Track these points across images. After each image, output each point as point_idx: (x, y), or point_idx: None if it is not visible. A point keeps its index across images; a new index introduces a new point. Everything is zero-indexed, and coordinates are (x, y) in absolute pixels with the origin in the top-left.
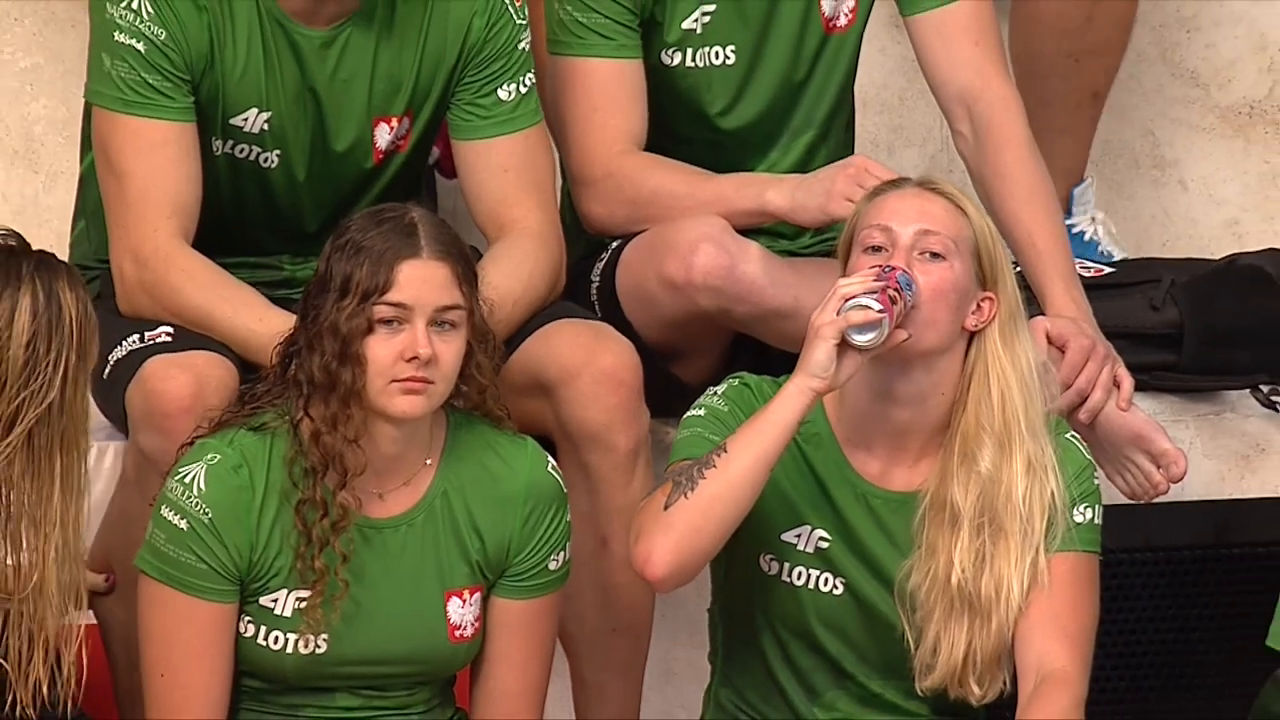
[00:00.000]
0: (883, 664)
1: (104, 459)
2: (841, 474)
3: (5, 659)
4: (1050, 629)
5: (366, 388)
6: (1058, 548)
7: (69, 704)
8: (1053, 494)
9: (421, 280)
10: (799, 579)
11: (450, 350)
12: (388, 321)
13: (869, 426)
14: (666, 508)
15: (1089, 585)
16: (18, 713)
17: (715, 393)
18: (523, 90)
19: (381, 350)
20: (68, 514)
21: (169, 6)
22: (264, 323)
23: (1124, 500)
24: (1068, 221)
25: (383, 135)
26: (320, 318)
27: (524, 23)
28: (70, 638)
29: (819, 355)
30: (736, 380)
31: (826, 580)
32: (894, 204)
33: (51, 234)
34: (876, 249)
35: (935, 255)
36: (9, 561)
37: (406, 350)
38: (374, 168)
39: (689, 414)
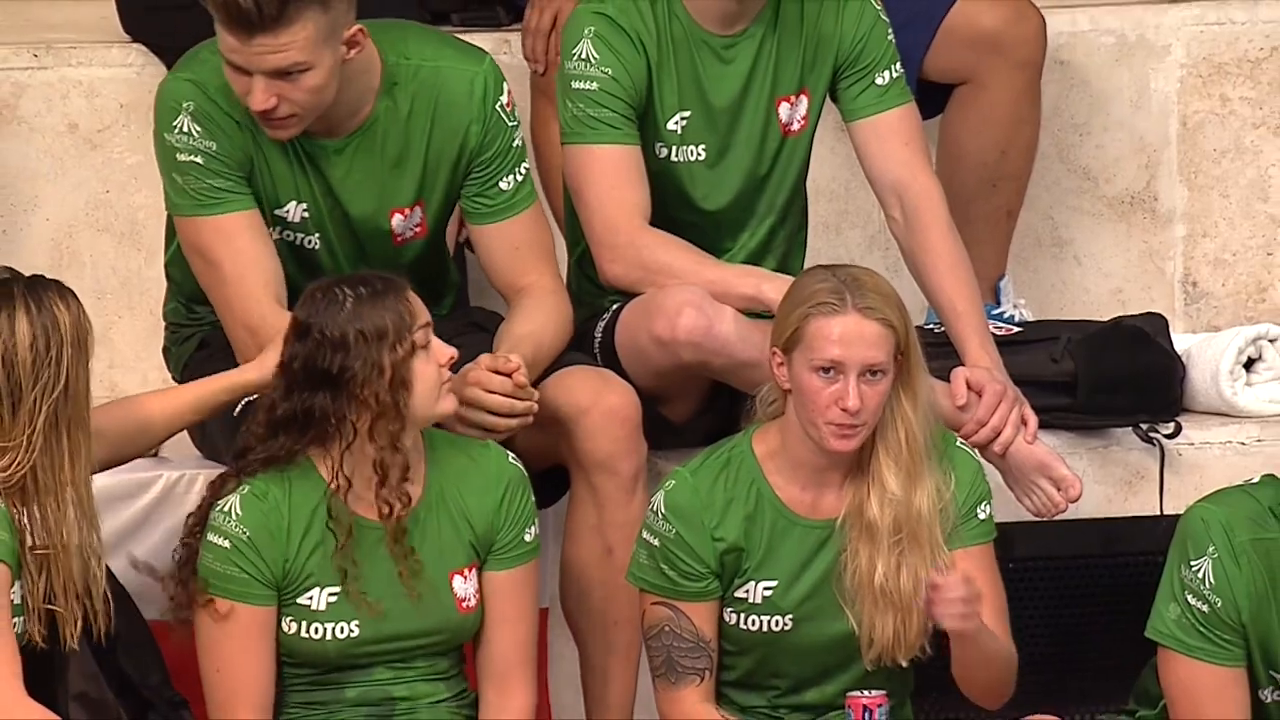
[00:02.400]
0: (825, 668)
1: (194, 484)
2: (787, 523)
3: (55, 605)
4: (986, 610)
5: (415, 405)
6: (971, 542)
7: (104, 636)
8: (947, 501)
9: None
10: (753, 626)
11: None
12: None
13: (802, 471)
14: None
15: (996, 566)
16: (67, 649)
17: (661, 512)
18: (519, 178)
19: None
20: (79, 481)
21: (213, 123)
22: None
23: (1030, 517)
24: (999, 308)
25: (398, 222)
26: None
27: (515, 124)
28: (96, 583)
29: None
30: (676, 484)
31: (776, 622)
32: (840, 335)
33: (151, 300)
34: (827, 371)
35: (875, 372)
36: (38, 526)
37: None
38: (397, 249)
39: (645, 534)
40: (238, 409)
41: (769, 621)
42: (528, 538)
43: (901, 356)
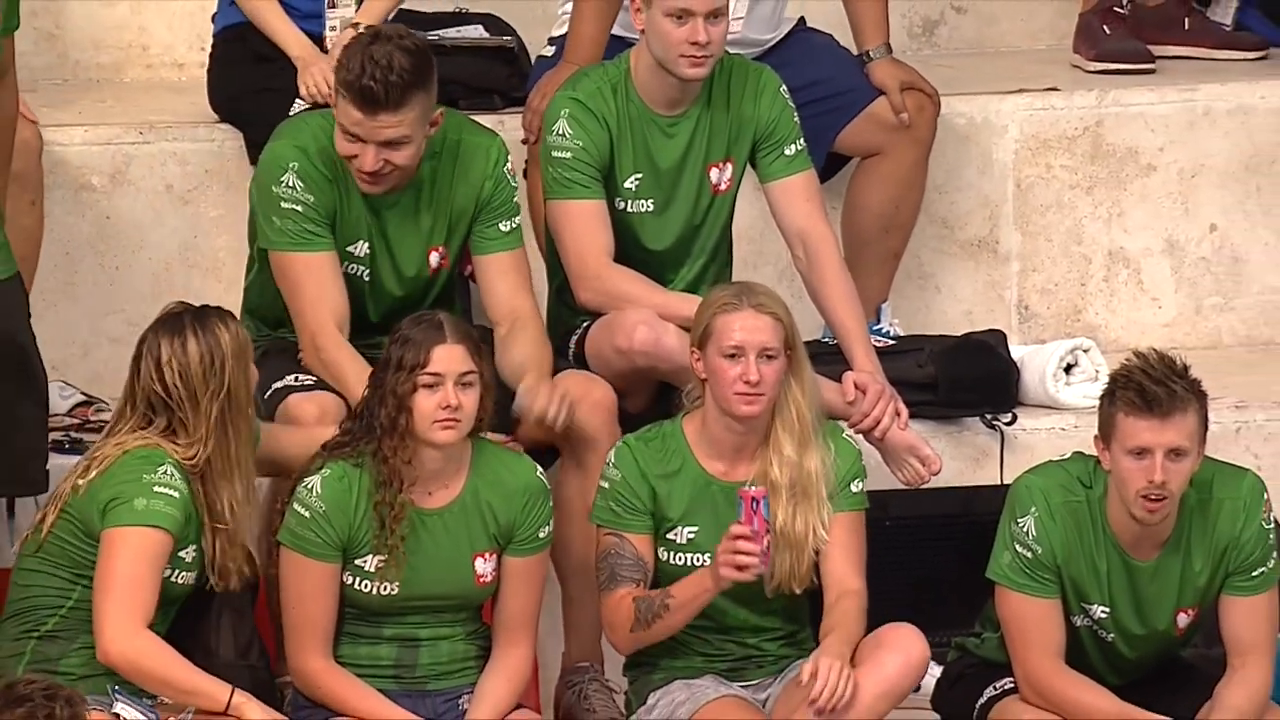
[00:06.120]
0: (739, 597)
1: None
2: (705, 484)
3: (219, 557)
4: (843, 562)
5: (415, 427)
6: (844, 509)
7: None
8: (829, 467)
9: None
10: (681, 561)
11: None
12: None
13: (723, 446)
14: (632, 630)
15: (863, 530)
16: (218, 587)
17: (611, 463)
18: (513, 224)
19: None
20: (245, 463)
21: (311, 179)
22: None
23: (902, 486)
24: (879, 325)
25: (434, 258)
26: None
27: (516, 185)
28: (252, 541)
29: (722, 584)
30: (622, 447)
31: (698, 559)
32: (742, 327)
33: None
34: (733, 356)
35: (770, 357)
36: (216, 500)
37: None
38: (430, 279)
39: (600, 483)
40: (268, 392)
41: (693, 558)
42: (541, 534)
43: (790, 351)
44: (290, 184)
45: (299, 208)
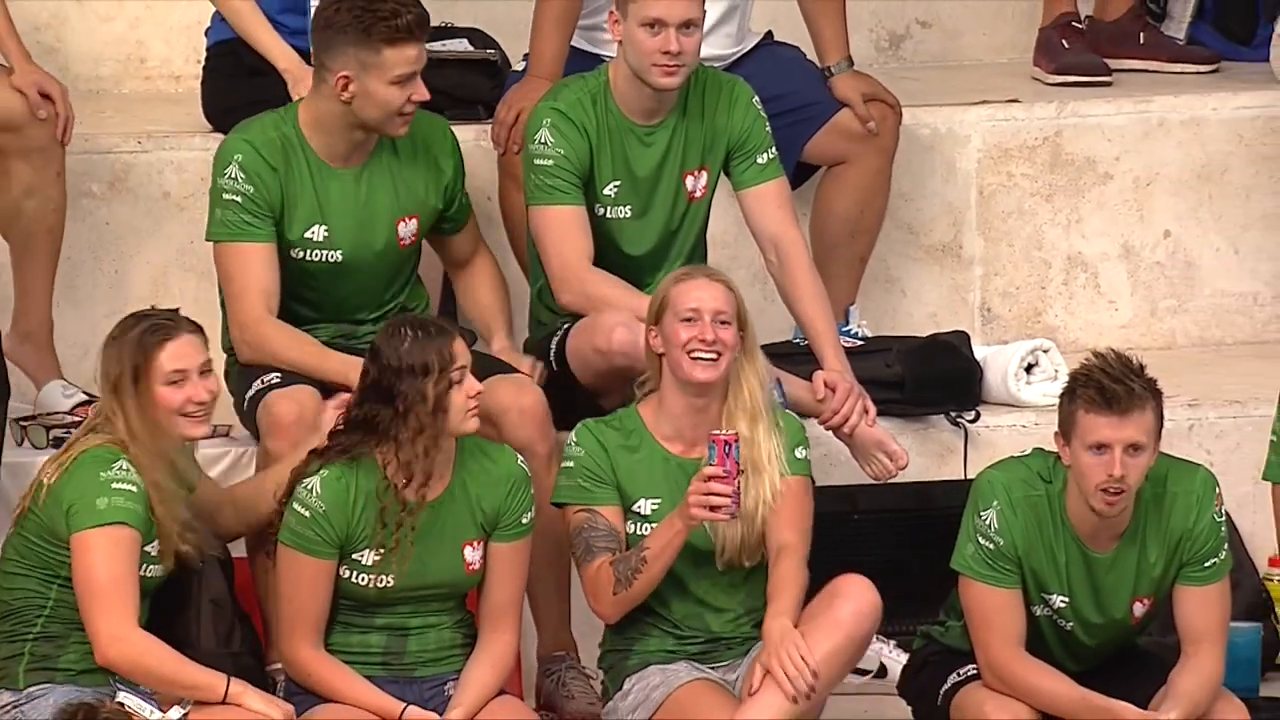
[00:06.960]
0: (700, 573)
1: (254, 457)
2: (664, 459)
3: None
4: (786, 523)
5: (450, 422)
6: (791, 471)
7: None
8: (778, 445)
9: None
10: (644, 532)
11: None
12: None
13: (680, 423)
14: (615, 594)
15: (807, 494)
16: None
17: (573, 443)
18: (468, 200)
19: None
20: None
21: (254, 171)
22: (321, 360)
23: (870, 481)
24: (848, 326)
25: (402, 229)
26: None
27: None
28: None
29: (692, 523)
30: (581, 428)
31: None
32: (698, 292)
33: (221, 324)
34: (689, 320)
35: (724, 322)
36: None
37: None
38: (401, 252)
39: (564, 464)
40: (245, 404)
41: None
42: (524, 521)
43: (742, 331)
44: (232, 175)
45: (238, 198)
